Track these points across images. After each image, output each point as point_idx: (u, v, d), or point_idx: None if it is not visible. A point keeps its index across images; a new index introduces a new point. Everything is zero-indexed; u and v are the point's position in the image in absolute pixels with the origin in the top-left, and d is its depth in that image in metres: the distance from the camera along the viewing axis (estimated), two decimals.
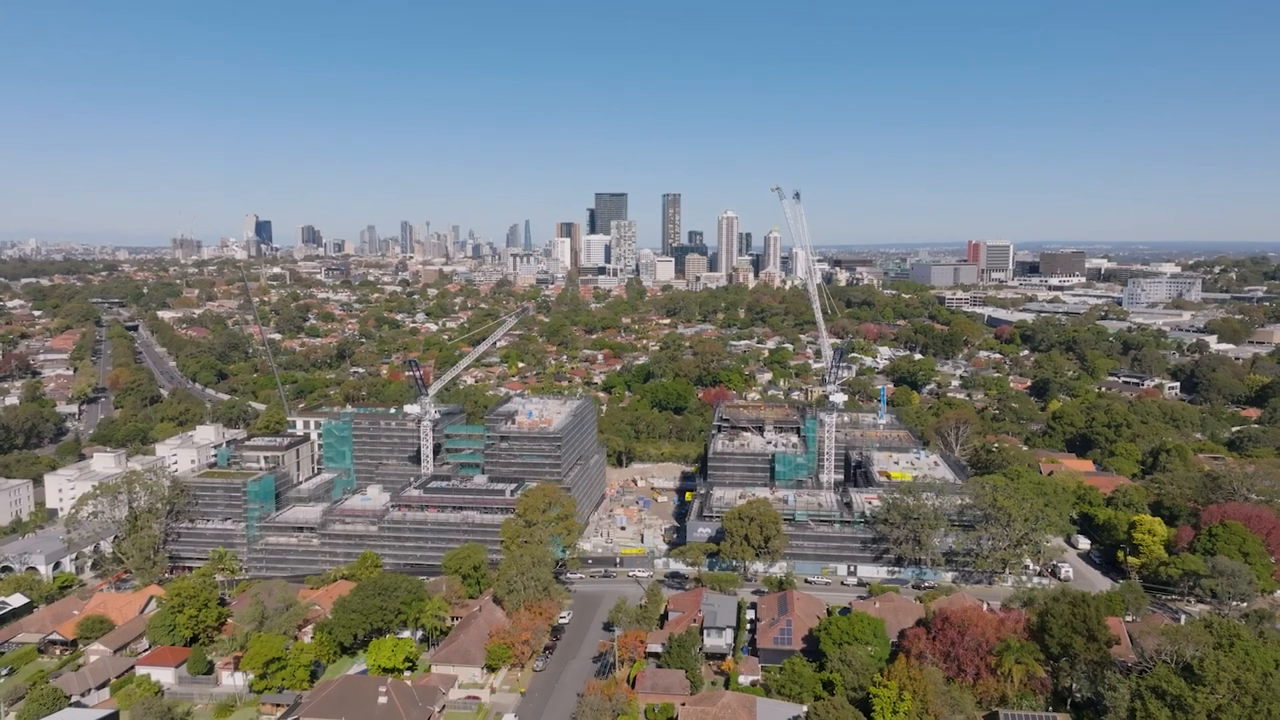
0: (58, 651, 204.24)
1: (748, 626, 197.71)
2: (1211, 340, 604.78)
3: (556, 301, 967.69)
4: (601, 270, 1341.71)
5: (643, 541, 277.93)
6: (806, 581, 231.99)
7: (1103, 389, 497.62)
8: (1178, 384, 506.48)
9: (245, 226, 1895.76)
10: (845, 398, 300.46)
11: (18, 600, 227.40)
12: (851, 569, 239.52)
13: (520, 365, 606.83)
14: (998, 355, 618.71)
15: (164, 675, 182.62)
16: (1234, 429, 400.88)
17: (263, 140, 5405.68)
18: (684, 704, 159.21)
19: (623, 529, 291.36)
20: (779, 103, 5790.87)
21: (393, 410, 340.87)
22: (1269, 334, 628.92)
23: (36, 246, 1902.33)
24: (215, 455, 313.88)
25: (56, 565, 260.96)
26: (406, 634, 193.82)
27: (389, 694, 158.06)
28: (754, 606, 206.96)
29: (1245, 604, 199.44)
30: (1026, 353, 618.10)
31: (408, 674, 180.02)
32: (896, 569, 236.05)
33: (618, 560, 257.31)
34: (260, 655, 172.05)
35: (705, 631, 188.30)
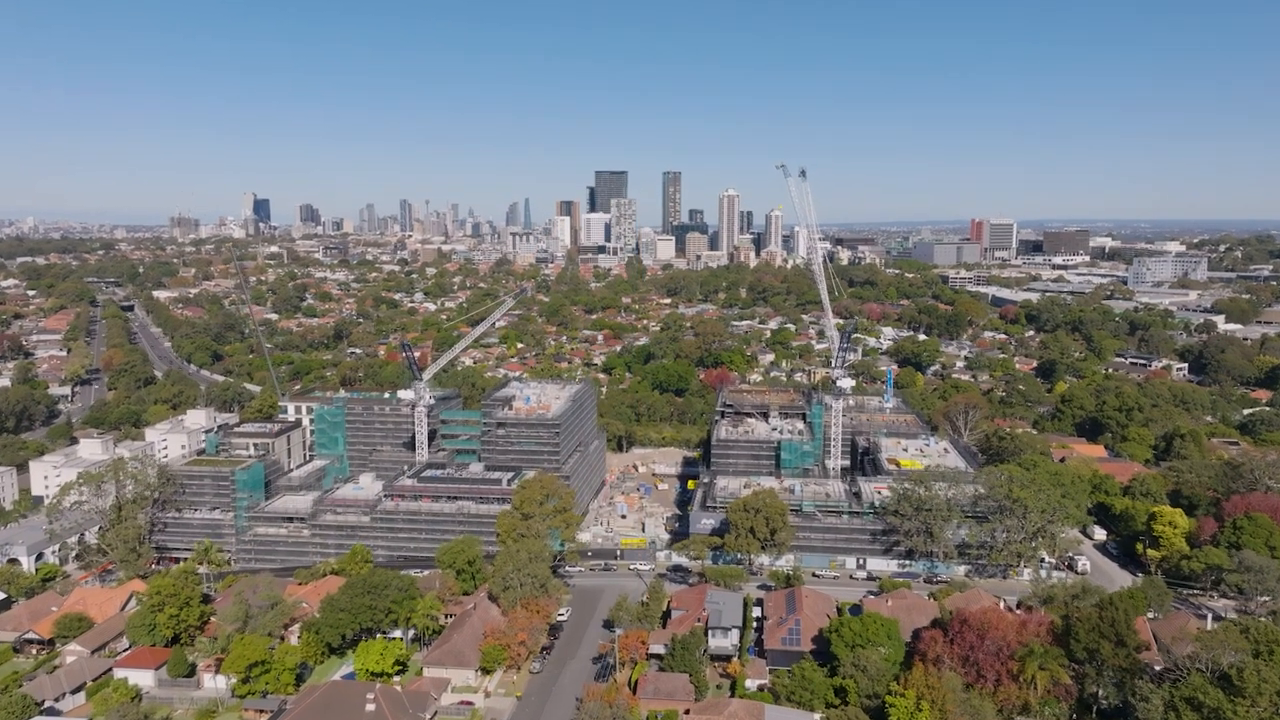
0: (34, 651, 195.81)
1: (754, 625, 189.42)
2: (1219, 320, 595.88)
3: (556, 281, 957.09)
4: (601, 249, 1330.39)
5: (644, 531, 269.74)
6: (814, 575, 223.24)
7: (1110, 370, 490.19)
8: (1186, 365, 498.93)
9: (243, 205, 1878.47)
10: (853, 382, 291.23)
11: None
12: (860, 562, 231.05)
13: (519, 346, 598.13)
14: (1002, 335, 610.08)
15: (143, 678, 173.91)
16: (1245, 411, 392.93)
17: (261, 117, 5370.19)
18: (688, 711, 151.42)
19: (623, 517, 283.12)
20: (779, 79, 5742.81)
21: (386, 395, 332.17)
22: (1277, 314, 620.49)
23: (34, 225, 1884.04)
24: (205, 441, 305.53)
25: (39, 556, 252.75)
26: (397, 634, 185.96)
27: (377, 700, 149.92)
28: (760, 603, 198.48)
29: (1272, 600, 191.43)
30: (1032, 333, 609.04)
31: (397, 679, 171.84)
32: (907, 562, 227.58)
33: (618, 553, 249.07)
34: (243, 658, 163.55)
35: (710, 631, 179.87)
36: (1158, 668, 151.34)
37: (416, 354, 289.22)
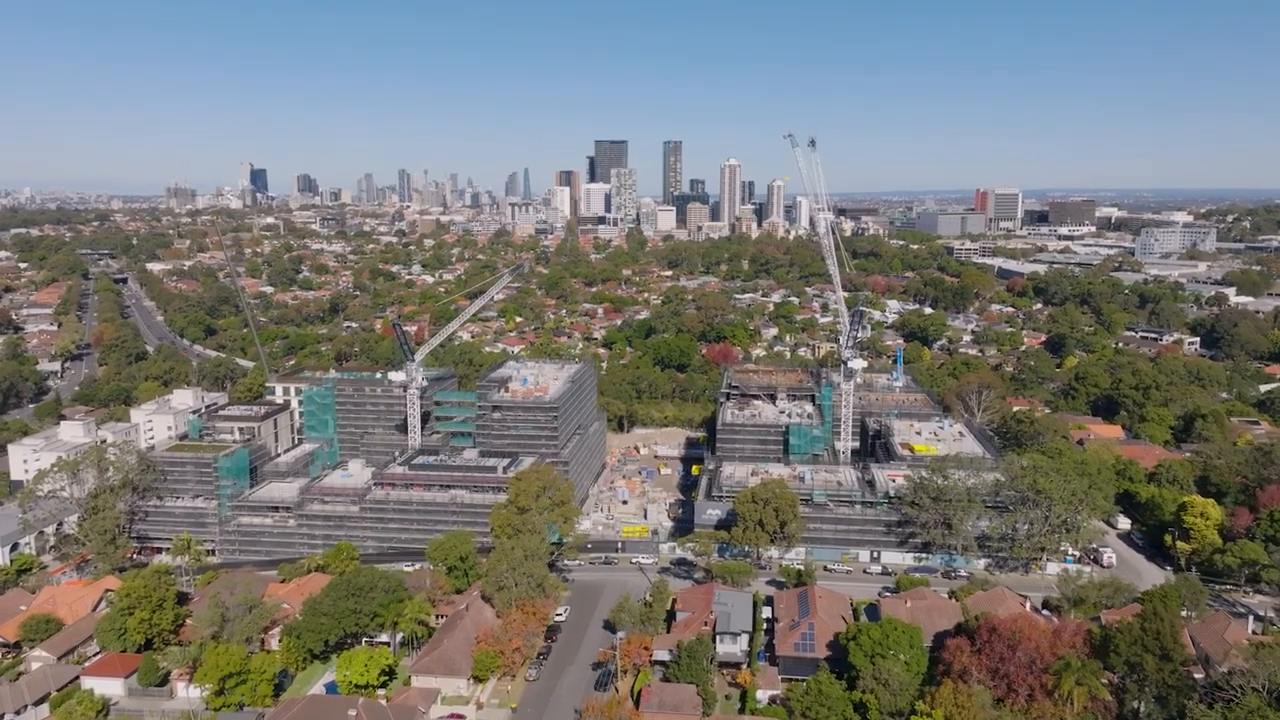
0: None
1: (764, 627, 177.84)
2: (1230, 292, 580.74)
3: (555, 252, 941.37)
4: (601, 220, 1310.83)
5: (646, 518, 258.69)
6: (825, 569, 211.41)
7: (1120, 344, 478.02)
8: (1198, 339, 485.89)
9: (240, 175, 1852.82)
10: (864, 363, 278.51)
11: None
12: (875, 555, 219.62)
13: (518, 320, 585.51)
14: (1010, 309, 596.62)
15: (112, 687, 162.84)
16: (1263, 388, 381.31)
17: (259, 86, 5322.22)
18: None
19: (624, 503, 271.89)
20: (780, 47, 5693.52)
21: (378, 375, 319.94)
22: None
23: (31, 195, 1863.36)
24: (189, 424, 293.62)
25: (14, 547, 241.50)
26: (384, 638, 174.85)
27: (359, 716, 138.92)
28: (769, 601, 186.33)
29: None
30: (1039, 306, 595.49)
31: (381, 690, 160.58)
32: (924, 555, 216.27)
33: (619, 545, 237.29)
34: (217, 669, 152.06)
35: (718, 636, 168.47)
36: (1198, 676, 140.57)
37: (413, 329, 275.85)
